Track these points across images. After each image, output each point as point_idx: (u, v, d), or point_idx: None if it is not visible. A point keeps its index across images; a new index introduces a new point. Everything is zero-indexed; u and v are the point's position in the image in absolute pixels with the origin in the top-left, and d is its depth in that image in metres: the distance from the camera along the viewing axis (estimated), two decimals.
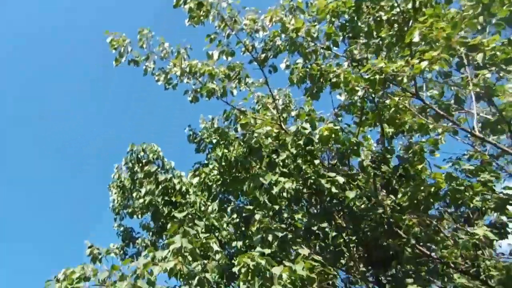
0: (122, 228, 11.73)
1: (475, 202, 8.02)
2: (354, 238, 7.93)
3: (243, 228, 9.14)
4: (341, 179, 6.65)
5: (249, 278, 5.82)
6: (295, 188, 6.71)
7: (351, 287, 9.22)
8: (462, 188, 7.58)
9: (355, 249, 7.92)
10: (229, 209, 9.66)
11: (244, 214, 9.00)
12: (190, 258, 6.17)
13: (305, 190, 7.00)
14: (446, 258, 8.54)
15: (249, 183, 7.06)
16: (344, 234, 7.58)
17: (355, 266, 8.21)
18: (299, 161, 6.90)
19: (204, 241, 6.34)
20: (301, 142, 6.77)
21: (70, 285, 6.02)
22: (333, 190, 6.64)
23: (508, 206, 8.29)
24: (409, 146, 8.52)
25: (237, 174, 9.01)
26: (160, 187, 9.19)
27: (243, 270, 5.65)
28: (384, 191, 7.92)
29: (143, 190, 9.48)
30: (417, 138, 9.09)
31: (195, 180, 8.58)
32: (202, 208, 9.07)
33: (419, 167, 8.02)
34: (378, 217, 7.86)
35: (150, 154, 9.50)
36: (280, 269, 5.77)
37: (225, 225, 8.72)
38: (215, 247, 6.34)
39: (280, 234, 6.63)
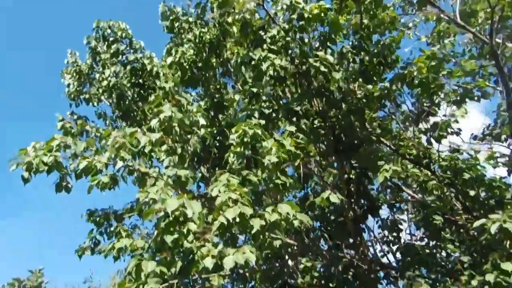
0: (75, 117, 11.17)
1: (446, 92, 8.37)
2: (327, 124, 8.05)
3: (212, 114, 9.00)
4: (331, 58, 6.57)
5: (241, 149, 5.78)
6: (283, 66, 6.56)
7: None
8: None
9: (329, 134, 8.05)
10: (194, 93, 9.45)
11: (215, 100, 8.85)
12: (177, 130, 5.98)
13: (291, 69, 6.85)
14: (402, 149, 8.99)
15: (237, 59, 6.80)
16: (321, 119, 7.65)
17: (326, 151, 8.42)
18: (288, 38, 6.68)
19: (190, 113, 6.11)
20: (294, 16, 6.51)
21: (49, 152, 5.65)
22: (322, 69, 6.55)
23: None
24: (378, 41, 8.49)
25: (209, 58, 8.72)
26: (127, 68, 8.67)
27: (238, 140, 5.56)
28: (361, 79, 7.95)
29: (107, 72, 8.92)
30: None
31: (169, 60, 8.15)
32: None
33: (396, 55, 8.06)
34: (354, 103, 7.99)
35: (118, 32, 8.81)
36: (271, 142, 5.76)
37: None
38: (202, 120, 6.13)
39: (267, 111, 6.56)
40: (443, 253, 8.73)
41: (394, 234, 9.35)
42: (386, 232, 10.02)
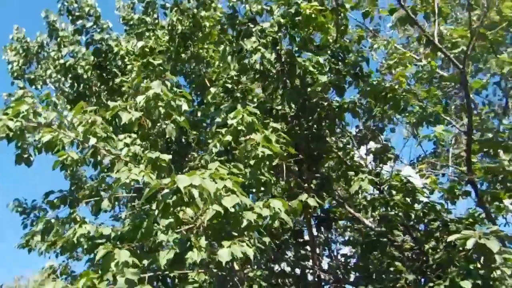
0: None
1: (415, 110, 8.56)
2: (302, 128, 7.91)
3: None
4: (321, 59, 6.44)
5: (228, 138, 5.42)
6: (272, 61, 6.33)
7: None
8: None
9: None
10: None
11: None
12: (161, 111, 5.51)
13: (278, 66, 6.63)
14: (355, 166, 9.07)
15: (224, 48, 6.45)
16: (297, 121, 7.50)
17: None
18: (280, 34, 6.46)
19: (174, 96, 5.63)
20: (292, 10, 6.32)
21: (16, 117, 4.96)
22: (310, 68, 6.40)
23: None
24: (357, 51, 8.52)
25: (179, 50, 8.32)
26: (90, 48, 7.96)
27: (235, 125, 5.21)
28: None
29: (64, 50, 8.15)
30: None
31: (140, 44, 7.59)
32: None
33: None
34: (328, 111, 7.93)
35: (85, 8, 8.07)
36: (260, 137, 5.47)
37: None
38: (185, 106, 5.68)
39: (252, 105, 6.27)
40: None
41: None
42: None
